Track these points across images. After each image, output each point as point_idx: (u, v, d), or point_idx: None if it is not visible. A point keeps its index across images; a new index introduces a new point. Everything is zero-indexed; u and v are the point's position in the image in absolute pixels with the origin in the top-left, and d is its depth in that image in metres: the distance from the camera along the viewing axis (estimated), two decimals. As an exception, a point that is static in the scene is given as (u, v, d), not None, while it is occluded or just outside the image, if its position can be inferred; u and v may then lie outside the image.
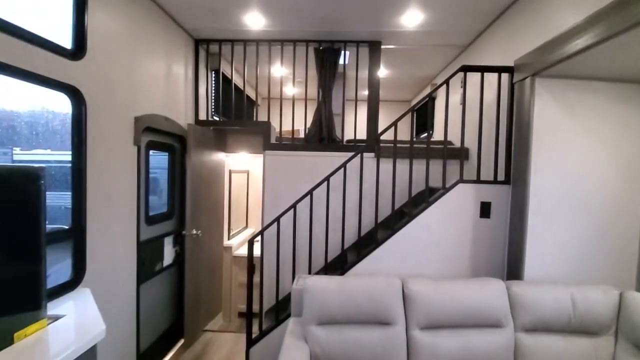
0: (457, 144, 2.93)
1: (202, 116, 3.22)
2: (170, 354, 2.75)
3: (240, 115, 3.34)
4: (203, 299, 3.10)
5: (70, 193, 1.80)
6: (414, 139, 2.51)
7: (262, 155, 3.02)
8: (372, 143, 2.60)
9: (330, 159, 2.80)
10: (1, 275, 1.16)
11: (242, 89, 3.14)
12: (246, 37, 3.03)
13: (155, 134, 2.56)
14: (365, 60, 3.07)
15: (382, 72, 4.04)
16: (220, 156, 3.47)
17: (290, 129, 3.43)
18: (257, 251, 2.54)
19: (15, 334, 1.19)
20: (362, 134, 3.06)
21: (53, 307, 1.48)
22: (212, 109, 3.45)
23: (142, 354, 2.40)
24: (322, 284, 1.79)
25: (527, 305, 1.73)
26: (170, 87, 2.71)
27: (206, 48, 3.20)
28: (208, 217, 3.15)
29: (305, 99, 3.04)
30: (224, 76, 3.57)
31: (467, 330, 1.73)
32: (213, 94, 3.48)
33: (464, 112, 2.30)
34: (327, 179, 2.42)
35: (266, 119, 3.08)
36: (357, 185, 2.50)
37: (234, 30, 2.94)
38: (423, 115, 4.58)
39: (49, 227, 1.73)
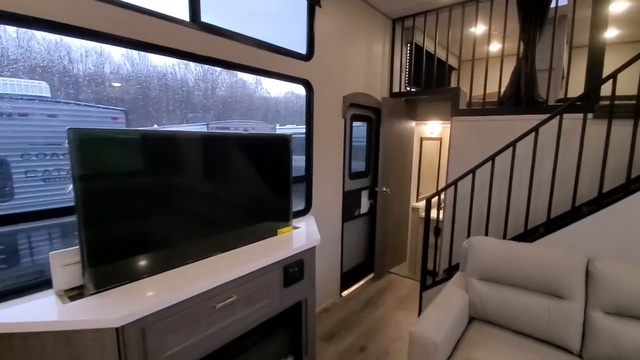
0: None
1: (396, 89, 3.62)
2: (362, 282, 3.55)
3: (431, 84, 3.47)
4: (389, 246, 3.70)
5: (304, 155, 2.72)
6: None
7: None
8: (582, 100, 2.16)
9: (529, 123, 2.51)
10: (273, 203, 2.08)
11: (434, 57, 3.26)
12: (438, 6, 3.10)
13: (357, 108, 3.21)
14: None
15: (623, 4, 2.97)
16: (410, 124, 3.80)
17: (490, 91, 3.23)
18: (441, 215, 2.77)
19: (278, 230, 2.11)
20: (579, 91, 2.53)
21: (295, 222, 2.39)
22: (405, 80, 3.78)
23: (344, 274, 3.27)
24: (488, 243, 1.87)
25: None
26: (370, 66, 3.25)
27: (402, 25, 3.51)
28: (396, 178, 3.63)
29: (502, 58, 2.81)
30: (418, 47, 3.77)
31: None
32: (407, 67, 3.78)
33: None
34: (513, 144, 2.29)
35: (464, 84, 3.07)
36: (568, 152, 2.19)
37: (426, 3, 3.07)
38: None
39: (295, 175, 2.71)
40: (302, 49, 2.54)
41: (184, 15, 1.78)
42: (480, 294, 1.81)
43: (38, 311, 1.21)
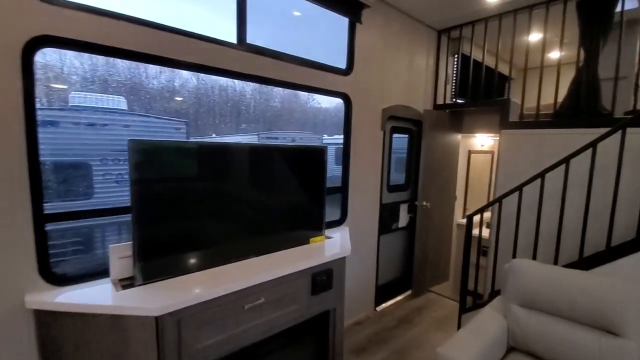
0: None
1: (440, 101, 3.52)
2: (399, 298, 3.44)
3: (479, 95, 3.31)
4: (430, 263, 3.55)
5: (341, 165, 2.77)
6: None
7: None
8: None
9: (590, 138, 2.26)
10: (306, 212, 2.15)
11: (482, 67, 3.11)
12: (487, 15, 2.98)
13: (397, 121, 3.19)
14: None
15: None
16: (455, 137, 3.66)
17: (545, 103, 3.00)
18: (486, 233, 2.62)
19: (310, 239, 2.17)
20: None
21: (329, 232, 2.43)
22: (452, 92, 3.66)
23: (379, 287, 3.21)
24: (531, 267, 1.72)
25: None
26: (412, 78, 3.22)
27: (447, 35, 3.42)
28: (438, 192, 3.50)
29: (558, 67, 2.60)
30: (466, 58, 3.63)
31: None
32: (454, 78, 3.66)
33: None
34: (566, 160, 2.10)
35: (516, 95, 2.91)
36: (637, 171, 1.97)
37: (474, 12, 2.98)
38: None
39: (330, 185, 2.77)
40: (342, 63, 2.62)
41: (232, 38, 1.96)
42: (520, 322, 1.67)
43: (97, 295, 1.40)
